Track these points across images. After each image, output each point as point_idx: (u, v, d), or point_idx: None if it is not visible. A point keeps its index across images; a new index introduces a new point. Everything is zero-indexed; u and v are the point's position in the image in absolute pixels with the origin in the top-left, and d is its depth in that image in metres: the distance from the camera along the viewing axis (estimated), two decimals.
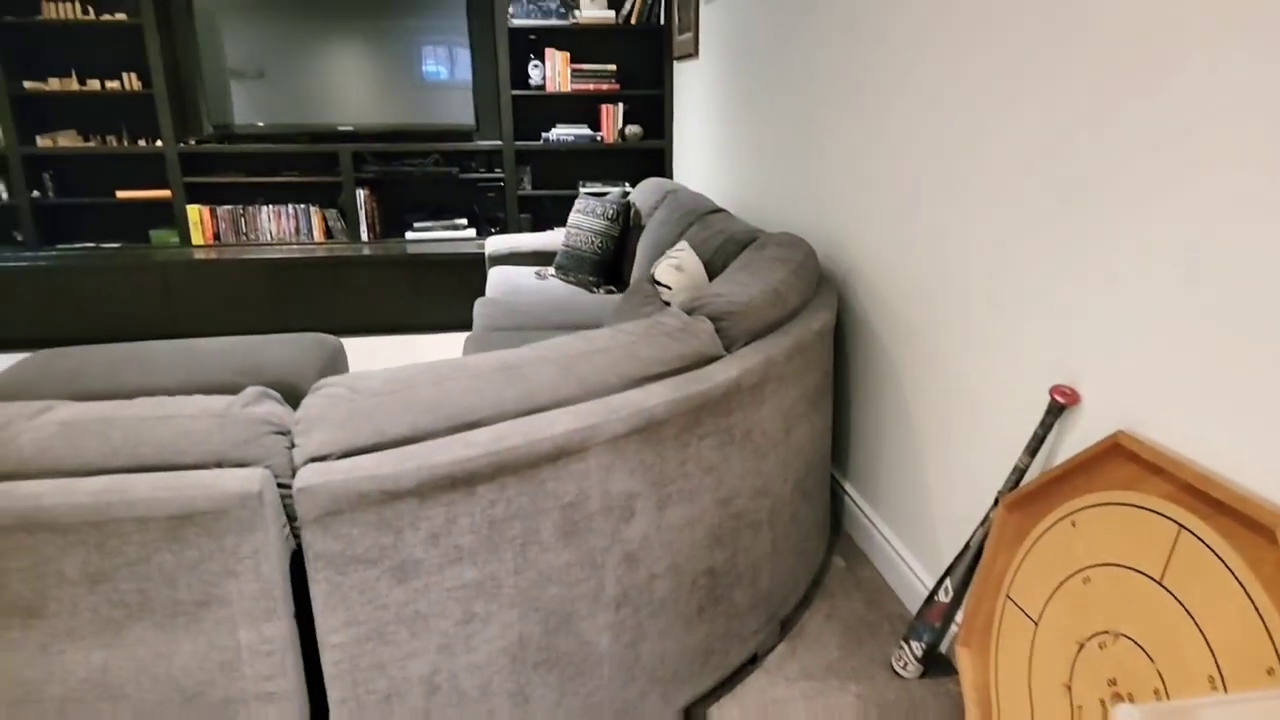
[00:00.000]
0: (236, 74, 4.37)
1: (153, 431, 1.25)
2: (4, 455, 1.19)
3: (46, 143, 4.36)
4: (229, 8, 4.28)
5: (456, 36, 4.51)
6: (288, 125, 4.47)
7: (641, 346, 1.57)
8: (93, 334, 4.28)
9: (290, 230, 4.63)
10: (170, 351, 2.74)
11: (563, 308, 3.18)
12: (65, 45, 4.39)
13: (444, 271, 4.44)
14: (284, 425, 1.33)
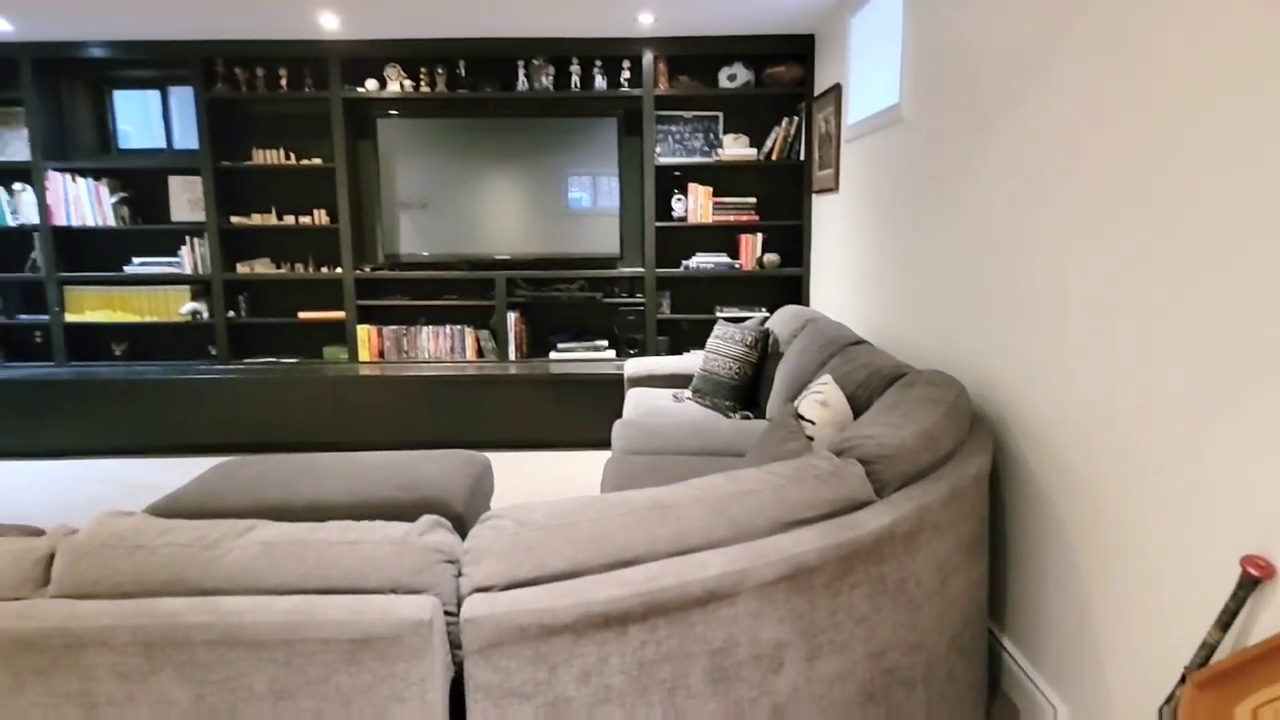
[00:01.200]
0: (405, 206, 4.83)
1: (341, 556, 1.35)
2: (213, 572, 1.32)
3: (245, 269, 4.92)
4: (404, 149, 4.79)
5: (606, 174, 4.83)
6: (449, 254, 4.87)
7: (791, 489, 1.58)
8: (271, 439, 4.66)
9: (446, 349, 4.96)
10: (337, 465, 2.95)
11: (699, 432, 3.22)
12: (268, 186, 5.00)
13: (585, 391, 4.61)
14: (453, 554, 1.41)
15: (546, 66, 4.72)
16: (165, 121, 5.08)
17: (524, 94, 4.74)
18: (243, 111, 4.94)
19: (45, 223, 4.79)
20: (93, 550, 1.36)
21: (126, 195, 4.97)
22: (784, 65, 4.69)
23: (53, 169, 4.78)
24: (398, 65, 4.70)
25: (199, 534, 1.39)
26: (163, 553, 1.35)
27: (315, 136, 4.91)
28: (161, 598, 1.31)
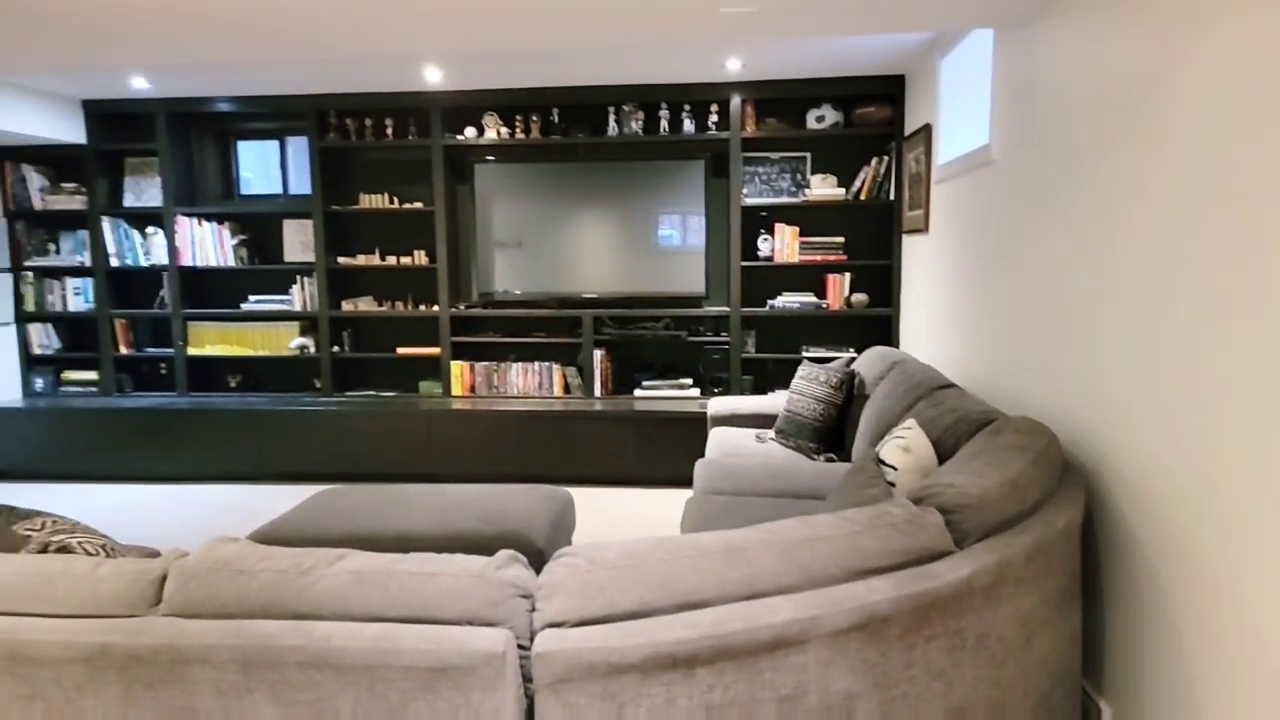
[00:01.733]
0: (500, 245, 5.02)
1: (421, 587, 1.41)
2: (307, 598, 1.41)
3: (349, 307, 5.19)
4: (499, 192, 4.98)
5: (692, 214, 4.90)
6: (539, 293, 5.02)
7: (865, 537, 1.56)
8: (368, 469, 4.87)
9: (534, 385, 5.08)
10: (426, 497, 3.06)
11: (781, 473, 3.19)
12: (372, 228, 5.29)
13: (668, 428, 4.64)
14: (528, 589, 1.45)
15: (636, 112, 4.85)
16: (282, 169, 5.46)
17: (614, 138, 4.87)
18: (351, 159, 5.26)
19: (173, 263, 5.19)
20: (201, 573, 1.46)
21: (245, 238, 5.34)
22: (874, 105, 4.68)
23: (182, 214, 5.18)
24: (495, 113, 4.92)
25: (295, 561, 1.48)
26: (262, 577, 1.44)
27: (417, 181, 5.17)
28: (259, 620, 1.40)
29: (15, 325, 5.34)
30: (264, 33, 2.81)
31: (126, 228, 5.28)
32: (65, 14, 2.55)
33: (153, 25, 2.70)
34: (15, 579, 1.49)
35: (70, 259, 5.35)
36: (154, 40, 2.88)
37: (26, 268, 5.32)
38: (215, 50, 3.05)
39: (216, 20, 2.65)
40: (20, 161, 5.22)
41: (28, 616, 1.44)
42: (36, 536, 1.87)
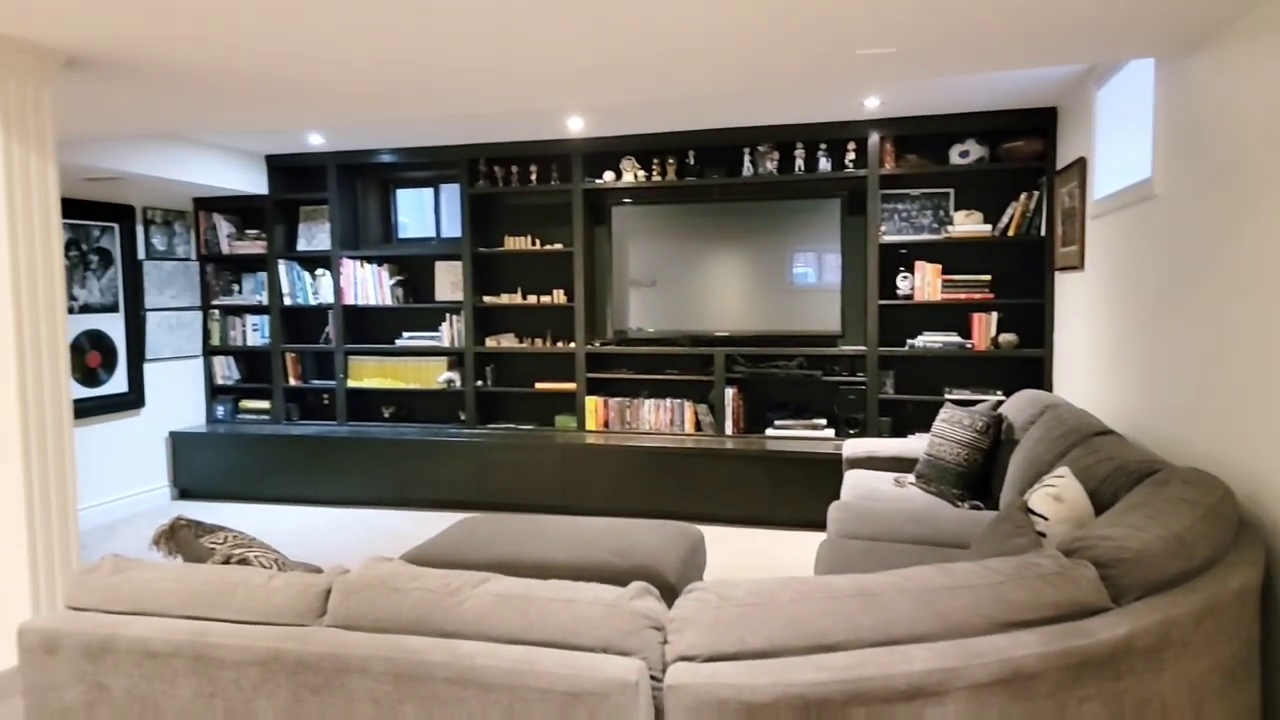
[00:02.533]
0: (635, 284, 5.14)
1: (559, 613, 1.47)
2: (453, 617, 1.49)
3: (493, 343, 5.46)
4: (635, 233, 5.12)
5: (828, 252, 4.86)
6: (672, 331, 5.10)
7: (1010, 588, 1.50)
8: (507, 499, 5.06)
9: (666, 422, 5.14)
10: (561, 528, 3.15)
11: (921, 519, 3.08)
12: (515, 269, 5.55)
13: (801, 469, 4.57)
14: (660, 621, 1.48)
15: (771, 152, 4.88)
16: (435, 214, 5.84)
17: (749, 178, 4.92)
18: (498, 204, 5.56)
19: (338, 302, 5.63)
20: (360, 589, 1.58)
21: (402, 278, 5.72)
22: (1022, 139, 4.51)
23: (346, 256, 5.63)
24: (632, 157, 5.09)
25: (443, 582, 1.57)
26: (413, 596, 1.54)
27: (557, 224, 5.40)
28: (410, 635, 1.49)
29: (203, 358, 5.94)
30: (426, 94, 3.05)
31: (299, 270, 5.78)
32: (256, 83, 2.86)
33: (328, 92, 2.99)
34: (203, 586, 1.66)
35: (250, 298, 5.90)
36: (329, 103, 3.19)
37: (213, 306, 5.92)
38: (384, 110, 3.33)
39: (388, 85, 2.90)
40: (212, 211, 5.84)
41: (212, 621, 1.60)
42: (220, 549, 2.07)
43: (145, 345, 5.44)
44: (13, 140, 2.30)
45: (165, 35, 2.32)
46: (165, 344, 5.61)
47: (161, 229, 5.59)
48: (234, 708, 1.51)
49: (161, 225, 5.59)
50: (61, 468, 2.42)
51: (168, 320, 5.63)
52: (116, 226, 5.23)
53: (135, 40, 2.36)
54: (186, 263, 5.79)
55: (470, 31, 2.34)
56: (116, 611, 1.66)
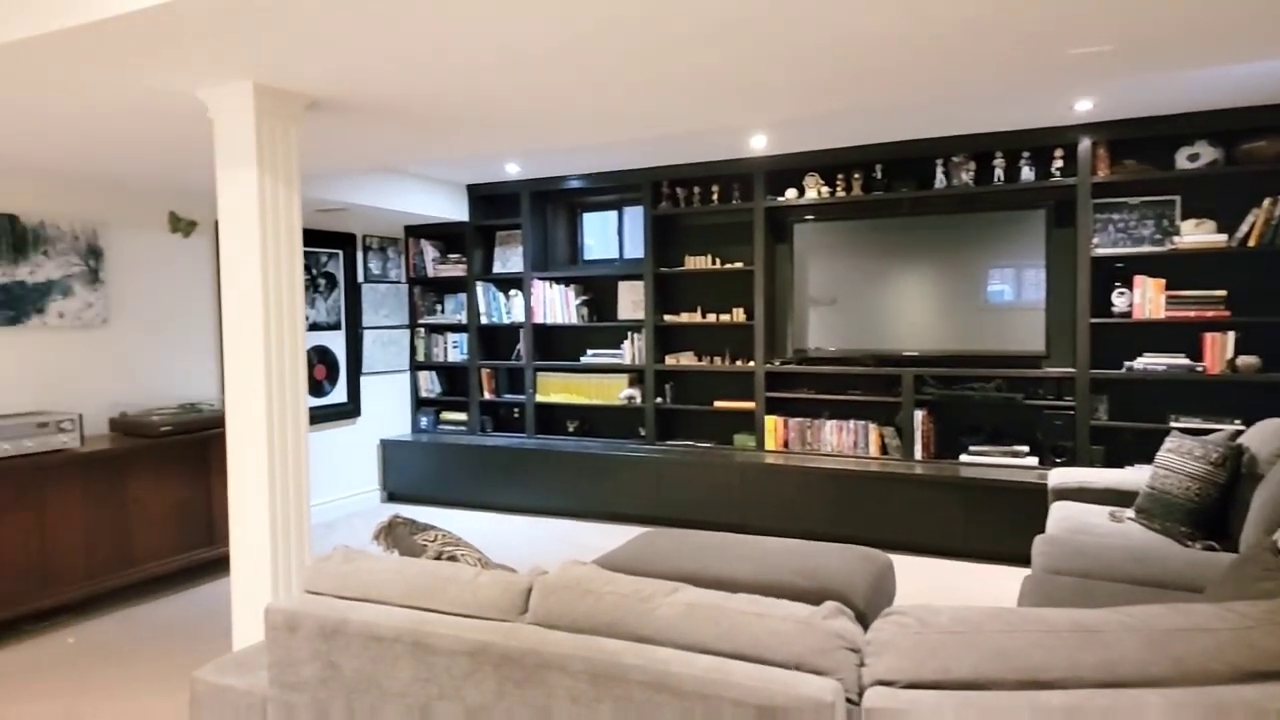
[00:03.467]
0: (814, 303, 5.05)
1: (750, 625, 1.46)
2: (647, 622, 1.52)
3: (672, 361, 5.54)
4: (817, 250, 5.04)
5: (1030, 267, 4.55)
6: (855, 350, 4.95)
7: (1260, 634, 1.32)
8: (684, 515, 5.11)
9: (849, 443, 4.99)
10: (742, 546, 3.14)
11: (1142, 559, 2.79)
12: (696, 288, 5.62)
13: (999, 499, 4.29)
14: (855, 643, 1.43)
15: (967, 163, 4.65)
16: (619, 236, 6.03)
17: (941, 191, 4.71)
18: (679, 224, 5.66)
19: (529, 321, 5.94)
20: (559, 589, 1.65)
21: (587, 298, 5.96)
22: (1265, 139, 4.03)
23: (537, 278, 5.93)
24: (816, 174, 5.02)
25: (635, 588, 1.61)
26: (608, 599, 1.59)
27: (738, 242, 5.41)
28: (605, 638, 1.54)
29: (409, 372, 6.45)
30: (620, 118, 3.18)
31: (494, 290, 6.16)
32: (466, 116, 3.10)
33: (525, 121, 3.18)
34: (419, 579, 1.79)
35: (452, 317, 6.36)
36: (526, 131, 3.39)
37: (419, 325, 6.42)
38: (579, 135, 3.49)
39: (581, 112, 3.05)
40: (420, 237, 6.36)
41: (428, 611, 1.73)
42: (431, 546, 2.23)
43: (362, 360, 5.99)
44: (265, 175, 2.62)
45: (394, 79, 2.56)
46: (378, 359, 6.15)
47: (377, 254, 6.15)
48: (446, 693, 1.62)
49: (377, 251, 6.15)
50: (298, 468, 2.71)
51: (381, 337, 6.17)
52: (341, 253, 5.81)
53: (368, 84, 2.63)
54: (397, 285, 6.33)
55: (661, 52, 2.41)
56: (347, 597, 1.83)
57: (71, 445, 3.75)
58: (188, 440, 4.22)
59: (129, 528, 3.95)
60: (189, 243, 4.83)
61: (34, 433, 3.61)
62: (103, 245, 4.35)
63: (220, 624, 3.72)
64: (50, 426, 3.68)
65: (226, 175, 2.64)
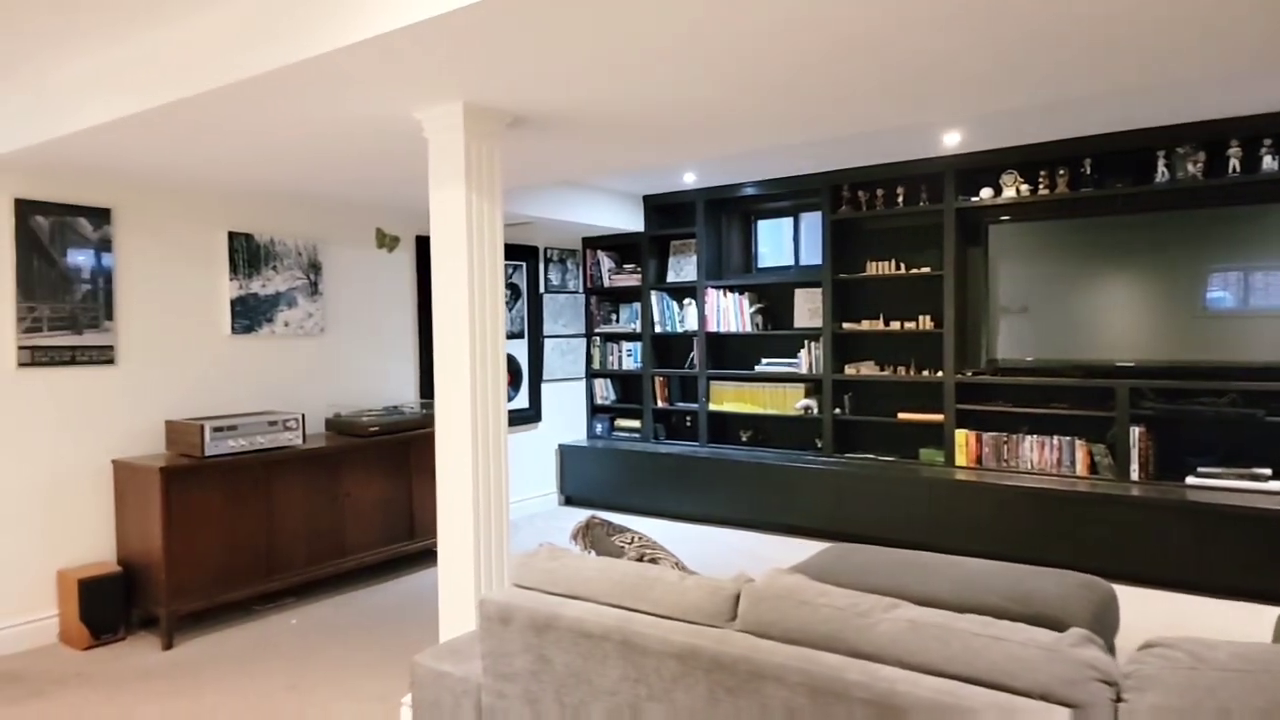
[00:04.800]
0: (1005, 311, 4.72)
1: (985, 649, 1.35)
2: (867, 638, 1.45)
3: (851, 370, 5.36)
4: (1014, 253, 4.70)
5: (1270, 266, 4.03)
6: (1058, 360, 4.58)
7: None
8: (863, 531, 4.91)
9: (1052, 461, 4.62)
10: (941, 565, 2.96)
11: None
12: (877, 294, 5.41)
13: (1237, 527, 3.82)
14: (1110, 675, 1.30)
15: (1195, 153, 4.19)
16: (795, 243, 5.92)
17: (1162, 185, 4.28)
18: (860, 228, 5.47)
19: (702, 329, 5.95)
20: (768, 598, 1.61)
21: (761, 306, 5.88)
22: None
23: (710, 286, 5.93)
24: (1014, 171, 4.70)
25: (850, 601, 1.54)
26: (822, 611, 1.53)
27: (925, 246, 5.17)
28: (823, 651, 1.48)
29: (585, 380, 6.63)
30: (810, 119, 3.11)
31: (668, 299, 6.22)
32: (655, 126, 3.14)
33: (719, 127, 3.17)
34: (624, 579, 1.81)
35: (626, 326, 6.48)
36: (717, 137, 3.39)
37: (595, 333, 6.59)
38: (774, 136, 3.44)
39: (778, 113, 3.01)
40: (597, 248, 6.53)
41: (634, 612, 1.74)
42: (629, 548, 2.25)
43: (543, 368, 6.22)
44: (472, 191, 2.77)
45: (592, 93, 2.63)
46: (557, 367, 6.37)
47: (557, 265, 6.38)
48: (655, 695, 1.61)
49: (557, 262, 6.37)
50: (499, 469, 2.83)
51: (559, 346, 6.39)
52: (524, 264, 6.07)
53: (565, 100, 2.71)
54: (575, 295, 6.52)
55: (858, 47, 2.33)
56: (554, 593, 1.88)
57: (295, 443, 4.12)
58: (392, 440, 4.53)
59: (342, 520, 4.29)
60: (391, 257, 5.20)
61: (266, 430, 3.99)
62: (321, 260, 4.77)
63: (422, 612, 3.96)
64: (279, 425, 4.06)
65: (438, 192, 2.80)
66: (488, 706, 1.89)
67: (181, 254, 4.16)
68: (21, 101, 3.20)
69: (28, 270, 3.61)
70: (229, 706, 2.98)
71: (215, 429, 3.77)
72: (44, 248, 3.66)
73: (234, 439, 3.85)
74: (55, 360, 3.69)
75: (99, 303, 3.83)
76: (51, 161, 3.49)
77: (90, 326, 3.81)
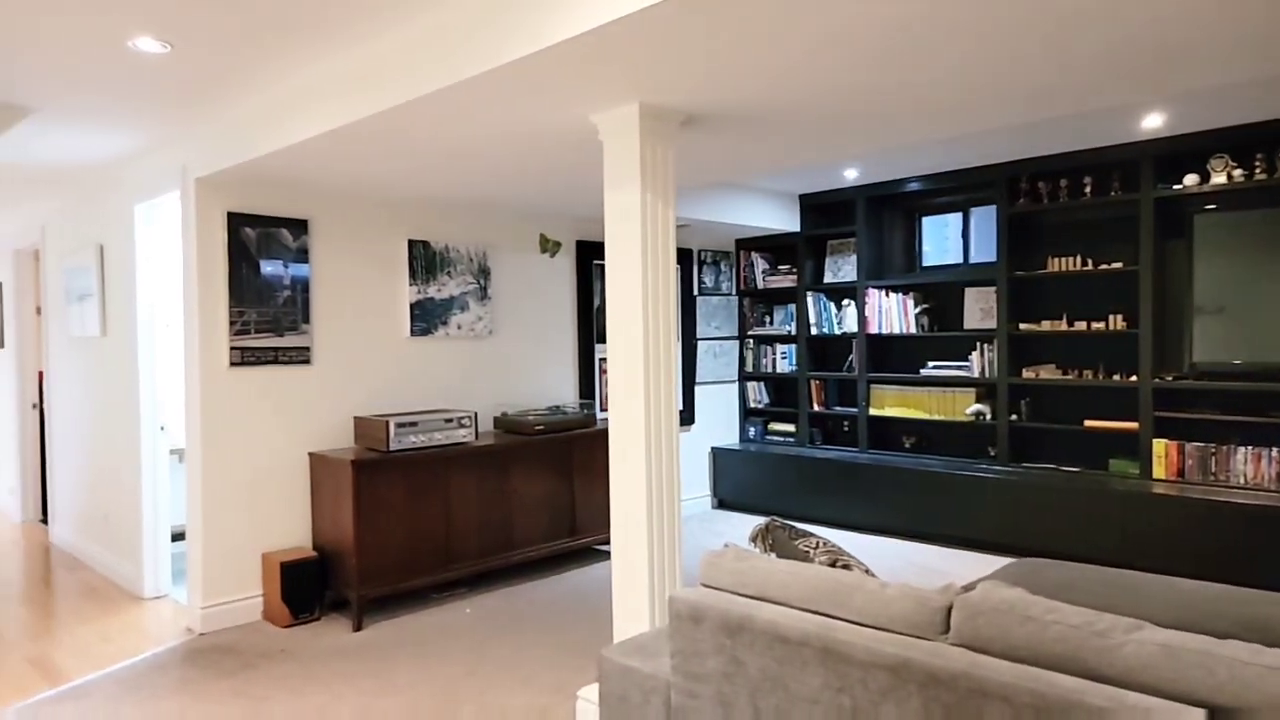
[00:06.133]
0: (1200, 311, 4.26)
1: (1259, 680, 1.20)
2: (1108, 660, 1.32)
3: (1029, 374, 5.02)
4: (1222, 246, 4.24)
5: None
6: (1270, 363, 4.09)
7: None
8: (1045, 545, 4.59)
9: (1270, 475, 4.14)
10: (1154, 586, 2.70)
11: None
12: (1059, 292, 5.04)
13: None
14: None
15: None
16: (964, 239, 5.62)
17: None
18: (1039, 222, 5.12)
19: (862, 331, 5.75)
20: (986, 611, 1.50)
21: (926, 306, 5.62)
22: None
23: (871, 286, 5.72)
24: (1225, 155, 4.25)
25: (1085, 620, 1.41)
26: (1053, 629, 1.41)
27: (1115, 240, 4.77)
28: (1054, 672, 1.36)
29: (738, 382, 6.56)
30: (999, 101, 2.93)
31: (825, 301, 6.06)
32: (830, 118, 3.05)
33: (892, 115, 3.04)
34: (820, 584, 1.74)
35: (780, 328, 6.36)
36: (891, 127, 3.25)
37: (748, 336, 6.51)
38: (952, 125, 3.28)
39: (939, 101, 2.86)
40: (750, 250, 6.45)
41: (835, 619, 1.67)
42: (814, 553, 2.18)
43: (696, 370, 6.21)
44: (647, 192, 2.78)
45: (766, 87, 2.59)
46: (709, 369, 6.34)
47: (710, 268, 6.35)
48: (861, 707, 1.54)
49: (710, 264, 6.35)
50: (671, 467, 2.83)
51: (712, 349, 6.36)
52: (679, 267, 6.09)
53: (740, 95, 2.68)
54: (728, 297, 6.48)
55: (1091, 17, 2.16)
56: (745, 595, 1.84)
57: (469, 440, 4.30)
58: (555, 439, 4.64)
59: (510, 515, 4.44)
60: (553, 261, 5.34)
61: (442, 427, 4.19)
62: (490, 265, 4.96)
63: (589, 607, 4.03)
64: (454, 422, 4.25)
65: (613, 194, 2.84)
66: (677, 705, 1.87)
67: (368, 261, 4.44)
68: (233, 121, 3.50)
69: (237, 278, 3.95)
70: (418, 689, 3.13)
71: (399, 425, 3.99)
72: (251, 257, 4.00)
73: (414, 435, 4.06)
74: (260, 360, 4.02)
75: (297, 307, 4.15)
76: (258, 177, 3.81)
77: (290, 329, 4.12)
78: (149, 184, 4.20)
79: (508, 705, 2.97)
